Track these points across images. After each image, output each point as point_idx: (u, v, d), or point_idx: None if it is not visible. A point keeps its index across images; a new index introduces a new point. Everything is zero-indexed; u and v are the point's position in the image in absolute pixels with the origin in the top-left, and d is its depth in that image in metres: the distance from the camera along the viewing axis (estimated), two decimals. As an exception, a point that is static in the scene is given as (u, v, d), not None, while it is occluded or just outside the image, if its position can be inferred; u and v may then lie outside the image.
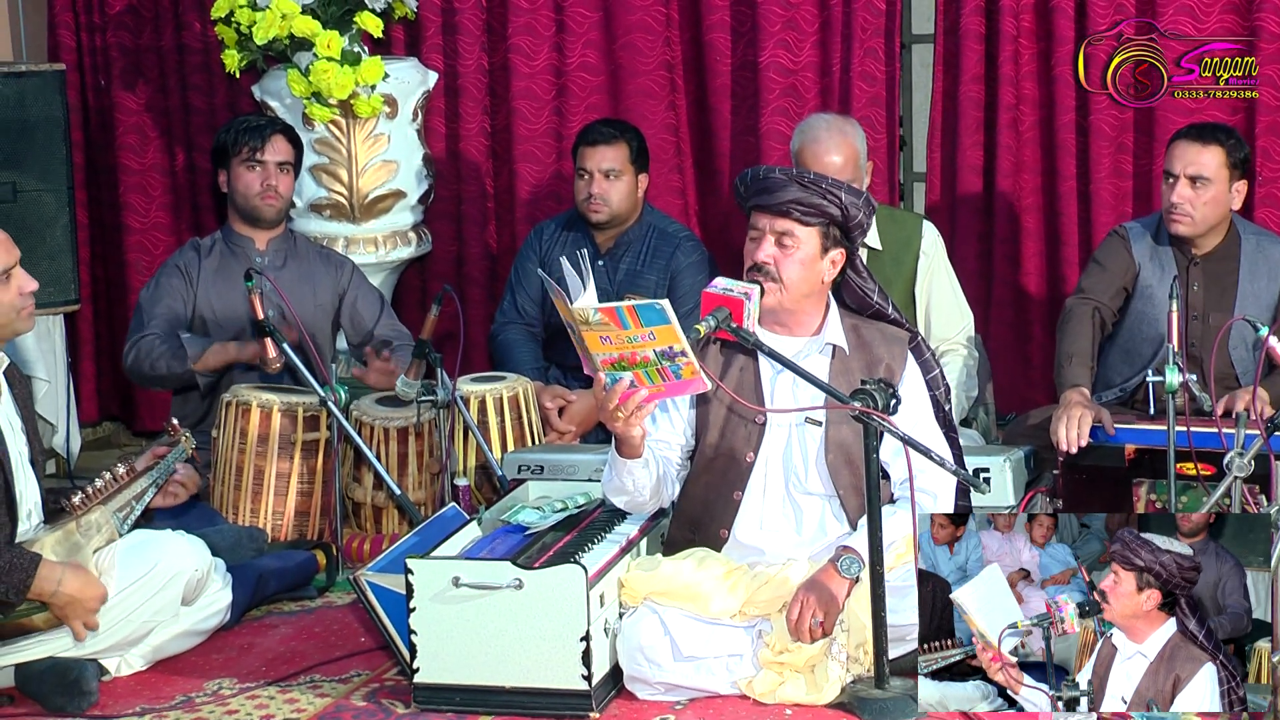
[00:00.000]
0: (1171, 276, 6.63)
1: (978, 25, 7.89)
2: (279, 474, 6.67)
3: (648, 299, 5.06)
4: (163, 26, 8.75)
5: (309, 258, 7.45)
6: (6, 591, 5.16)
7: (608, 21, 8.30)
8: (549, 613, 5.07)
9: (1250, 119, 7.64)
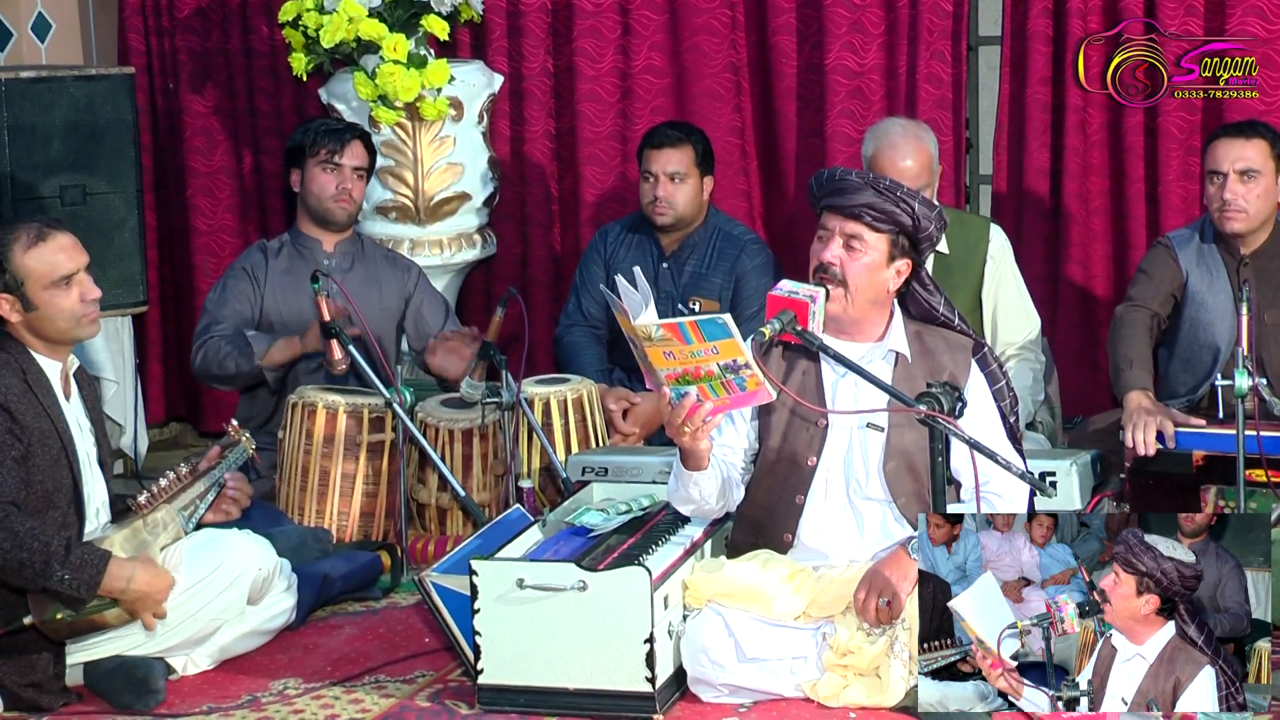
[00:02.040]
0: (1222, 279, 6.68)
1: (1045, 27, 7.88)
2: (344, 475, 6.70)
3: (710, 309, 5.09)
4: (230, 30, 8.80)
5: (376, 261, 7.49)
6: (78, 588, 5.15)
7: (673, 24, 8.32)
8: (613, 615, 5.08)
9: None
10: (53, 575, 5.12)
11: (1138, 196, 7.86)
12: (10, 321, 5.41)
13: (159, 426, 8.94)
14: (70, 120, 7.85)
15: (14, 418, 5.27)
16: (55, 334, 5.45)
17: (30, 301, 5.37)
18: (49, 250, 5.40)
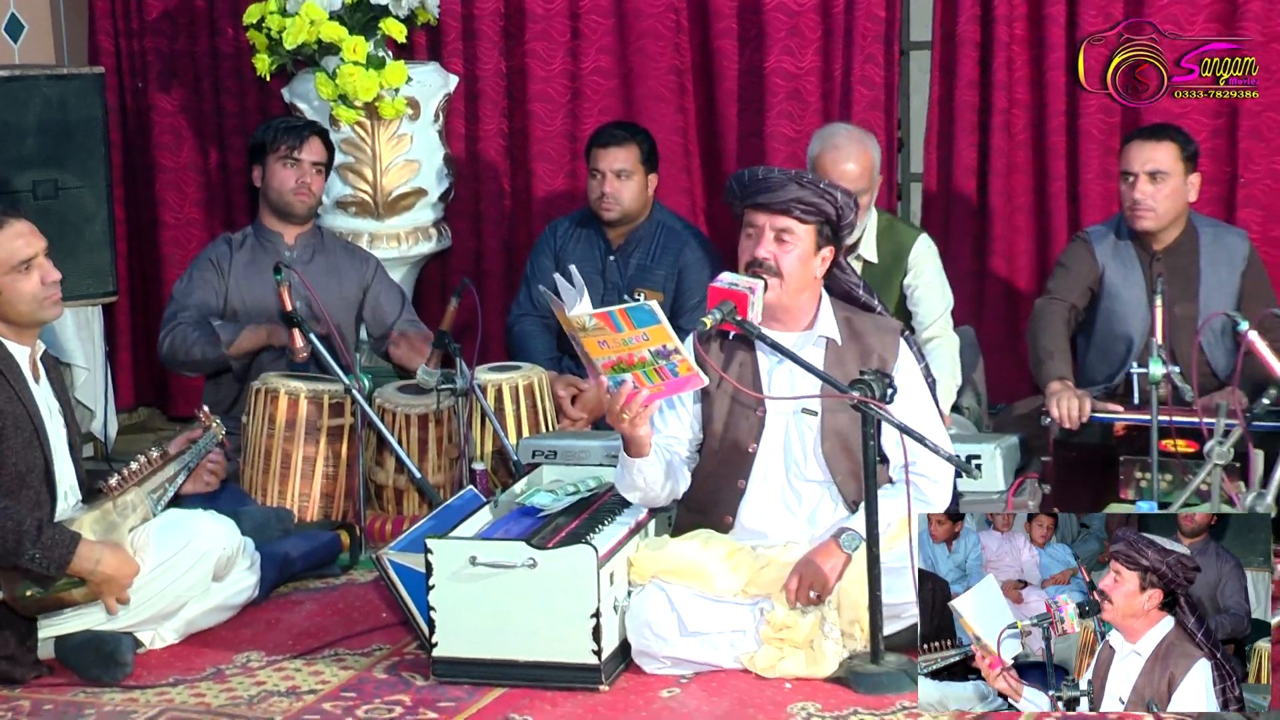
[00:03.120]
0: (1137, 273, 6.81)
1: (973, 33, 7.90)
2: (305, 458, 6.70)
3: (652, 298, 5.10)
4: (197, 32, 8.78)
5: (335, 253, 7.49)
6: (48, 566, 5.16)
7: (620, 28, 8.32)
8: (561, 591, 5.11)
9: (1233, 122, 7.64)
10: (24, 554, 5.13)
11: (1059, 194, 7.89)
12: None
13: (128, 411, 8.92)
14: (42, 118, 7.80)
15: None
16: (19, 317, 5.45)
17: (13, 298, 5.38)
18: (7, 237, 5.40)
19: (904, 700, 5.00)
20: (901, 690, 5.04)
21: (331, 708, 5.09)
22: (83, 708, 5.13)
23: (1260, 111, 7.66)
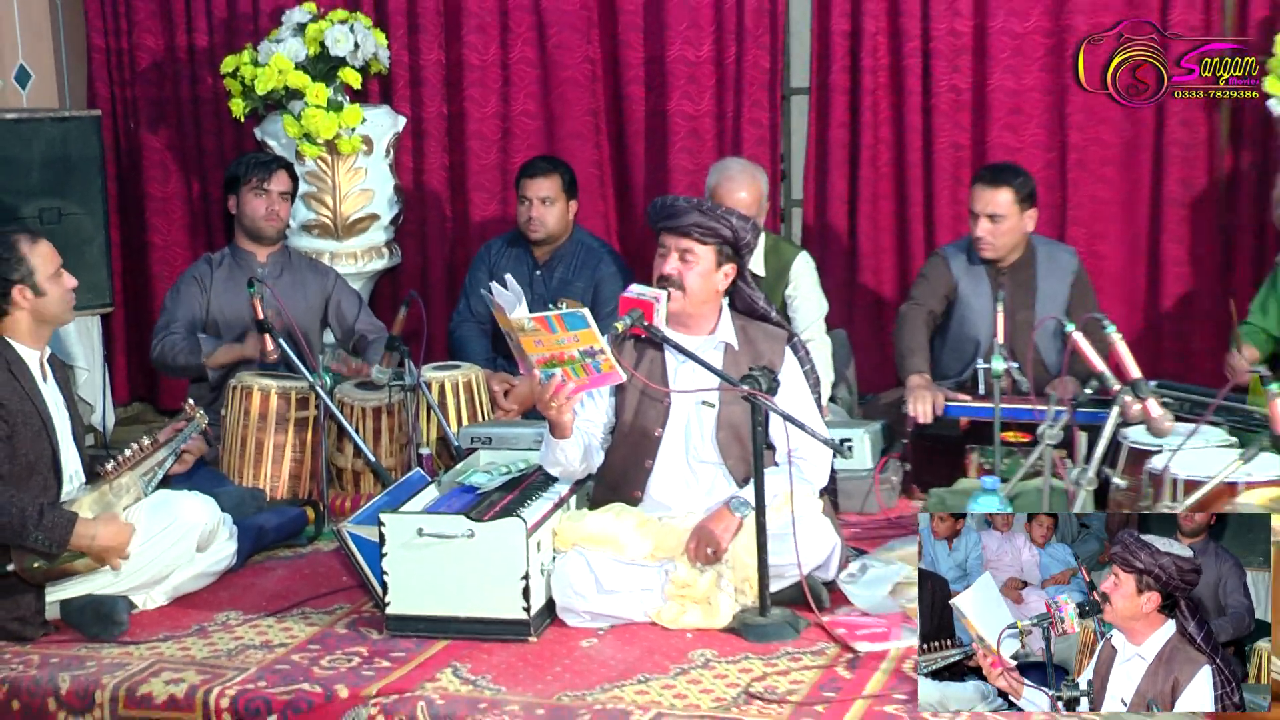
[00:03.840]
0: (985, 285, 6.90)
1: (844, 81, 7.94)
2: (276, 445, 6.67)
3: (574, 307, 5.13)
4: (181, 81, 8.73)
5: (301, 269, 7.44)
6: (49, 545, 5.20)
7: (544, 77, 8.32)
8: (495, 557, 5.12)
9: (1063, 155, 7.69)
10: (28, 536, 5.18)
11: (917, 218, 7.94)
12: (12, 315, 5.45)
13: (123, 406, 8.85)
14: (47, 154, 7.78)
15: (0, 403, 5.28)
16: (53, 318, 5.58)
17: (39, 288, 5.45)
18: (45, 248, 5.53)
19: (787, 647, 5.03)
20: (785, 638, 5.09)
21: (299, 658, 5.06)
22: (84, 660, 5.09)
23: (1085, 146, 7.71)
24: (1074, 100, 7.69)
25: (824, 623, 5.20)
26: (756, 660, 4.95)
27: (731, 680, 4.80)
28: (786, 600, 5.26)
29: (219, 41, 8.55)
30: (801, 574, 5.25)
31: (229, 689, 4.83)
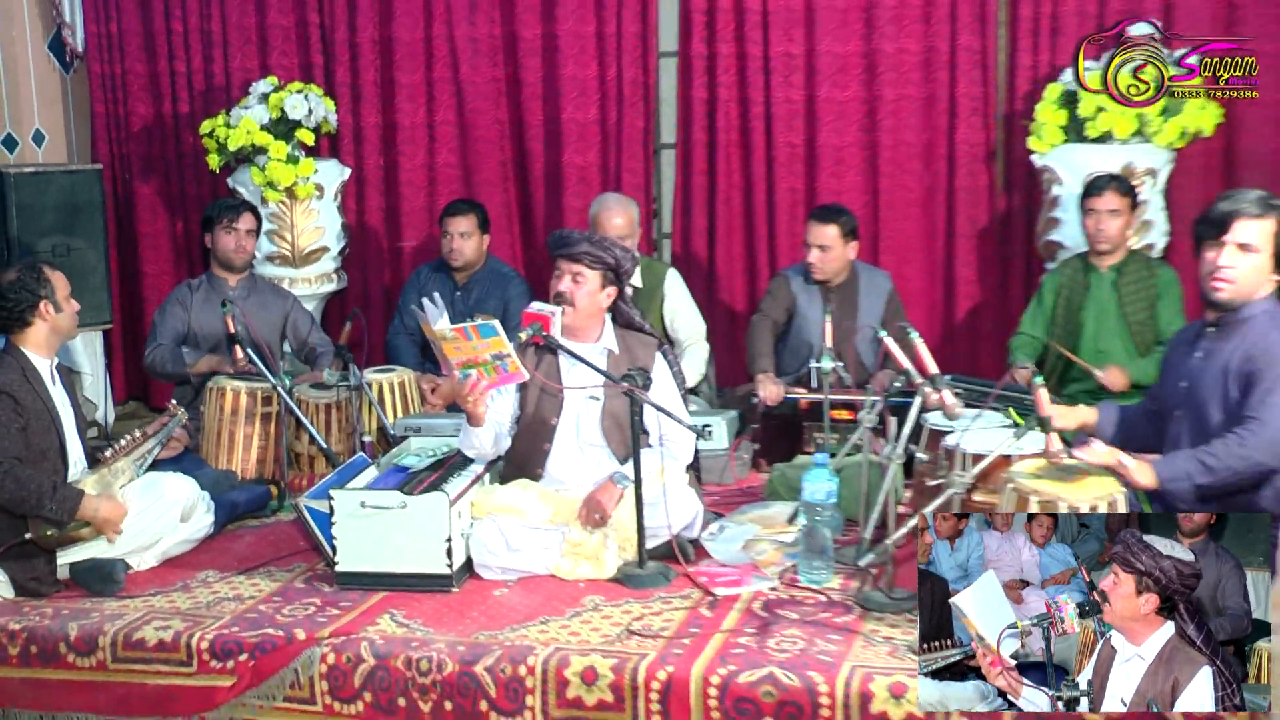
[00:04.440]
0: (817, 300, 6.91)
1: (703, 138, 7.98)
2: (245, 435, 6.59)
3: (487, 320, 5.17)
4: (167, 140, 8.65)
5: (265, 292, 7.36)
6: (61, 515, 5.19)
7: (462, 135, 8.30)
8: (424, 523, 5.12)
9: (875, 198, 7.73)
10: (44, 507, 5.16)
11: (762, 248, 8.01)
12: (34, 328, 5.46)
13: (121, 404, 8.74)
14: (58, 201, 7.77)
15: (16, 401, 5.26)
16: (63, 331, 5.59)
17: (58, 306, 5.48)
18: (59, 276, 5.58)
19: (660, 593, 5.05)
20: (658, 586, 5.11)
21: (265, 608, 5.02)
22: (89, 612, 5.05)
23: (893, 191, 7.80)
24: (884, 155, 7.78)
25: (689, 573, 5.21)
26: (636, 604, 4.96)
27: (615, 620, 4.81)
28: (660, 555, 5.28)
29: (198, 108, 8.47)
30: (671, 534, 5.28)
31: (208, 634, 4.80)
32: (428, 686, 4.55)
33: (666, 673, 4.37)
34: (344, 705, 4.64)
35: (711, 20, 7.88)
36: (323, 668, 4.65)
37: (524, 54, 8.17)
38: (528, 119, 8.22)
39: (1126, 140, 6.95)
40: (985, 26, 7.56)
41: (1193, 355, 4.85)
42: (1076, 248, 6.93)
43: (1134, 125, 6.90)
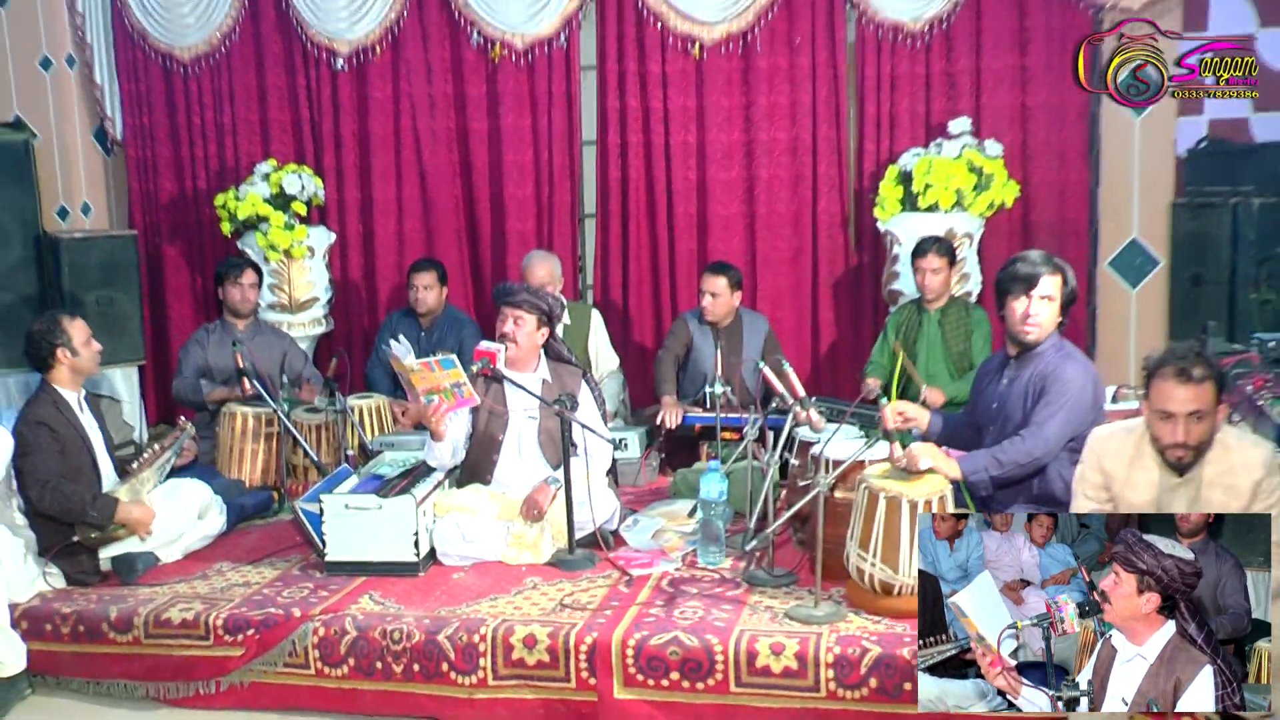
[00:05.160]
0: (710, 337, 6.88)
1: (618, 210, 7.98)
2: (251, 451, 6.48)
3: (446, 355, 5.16)
4: (188, 211, 8.51)
5: (267, 334, 7.26)
6: (100, 520, 5.12)
7: (426, 208, 8.23)
8: (396, 521, 5.07)
9: (753, 259, 7.74)
10: (86, 514, 5.10)
11: (665, 296, 7.96)
12: (57, 368, 5.36)
13: (153, 425, 8.55)
14: (101, 260, 7.64)
15: (51, 428, 5.20)
16: (86, 369, 5.45)
17: (75, 351, 5.35)
18: (79, 324, 5.45)
19: (587, 574, 5.03)
20: (585, 568, 5.10)
21: (268, 591, 4.96)
22: (126, 597, 4.97)
23: (768, 251, 7.80)
24: (760, 222, 7.76)
25: (610, 558, 5.19)
26: (567, 583, 4.93)
27: (551, 596, 4.78)
28: (586, 543, 5.26)
29: (213, 185, 8.34)
30: (595, 526, 5.25)
31: (222, 613, 4.74)
32: (400, 653, 4.51)
33: (592, 637, 4.35)
34: (332, 669, 4.59)
35: (623, 116, 7.85)
36: (315, 639, 4.60)
37: (474, 143, 8.09)
38: (477, 195, 8.15)
39: (949, 210, 7.00)
40: (839, 121, 7.59)
41: (1000, 381, 4.96)
42: (912, 294, 6.97)
43: (954, 198, 6.96)
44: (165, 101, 8.44)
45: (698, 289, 7.01)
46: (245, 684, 4.66)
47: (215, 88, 8.33)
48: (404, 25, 8.01)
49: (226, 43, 8.23)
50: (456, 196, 8.20)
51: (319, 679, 4.60)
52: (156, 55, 8.33)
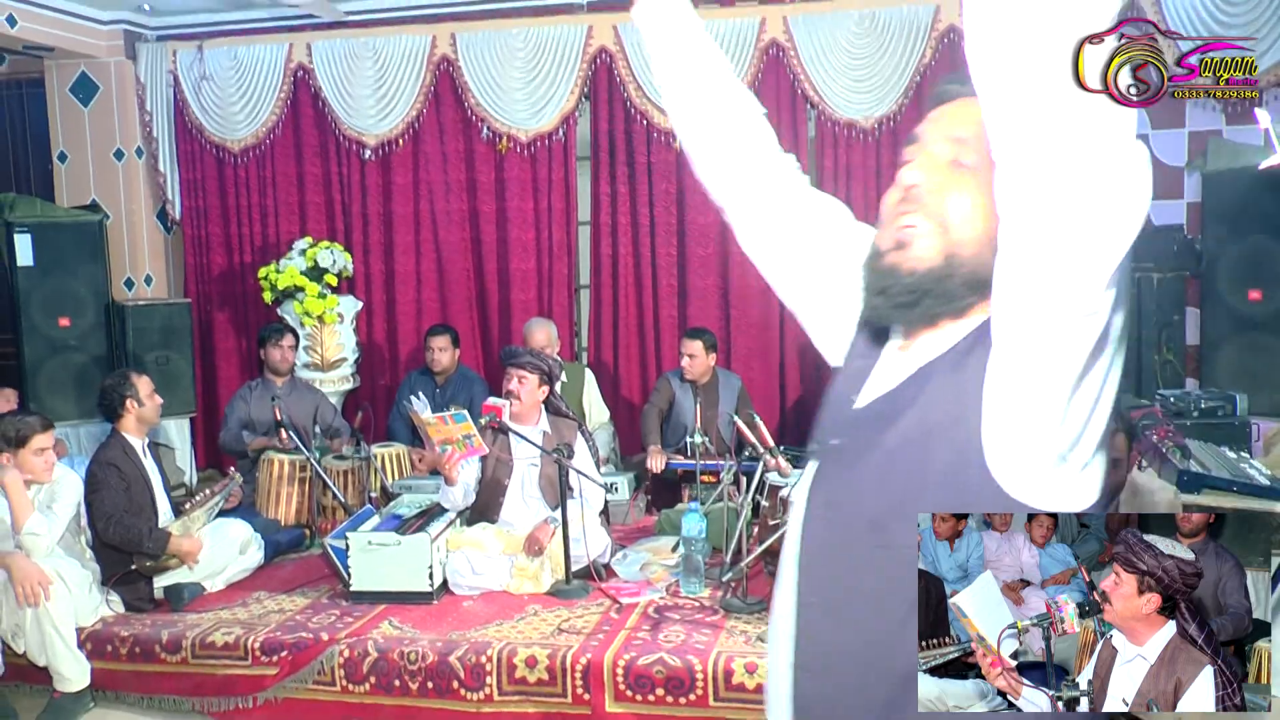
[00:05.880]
0: (690, 394, 6.82)
1: (609, 281, 7.96)
2: (286, 493, 6.43)
3: (459, 410, 5.14)
4: (235, 282, 8.51)
5: (302, 389, 7.24)
6: (155, 551, 5.09)
7: (441, 279, 8.23)
8: (412, 556, 5.02)
9: (727, 327, 7.74)
10: (144, 545, 5.07)
11: (650, 358, 7.94)
12: (125, 417, 5.36)
13: (202, 470, 8.52)
14: (160, 325, 7.68)
15: (119, 469, 5.18)
16: (150, 419, 5.45)
17: (141, 403, 5.37)
18: (145, 379, 5.46)
19: (582, 602, 4.98)
20: (580, 597, 5.05)
21: (300, 618, 4.90)
22: (175, 622, 4.91)
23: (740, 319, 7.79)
24: (734, 292, 7.78)
25: (602, 587, 5.14)
26: (565, 610, 4.89)
27: (550, 622, 4.73)
28: (581, 575, 5.21)
29: (257, 259, 8.35)
30: (589, 559, 5.23)
31: (259, 636, 4.69)
32: (415, 672, 4.47)
33: (586, 658, 4.32)
34: (356, 686, 4.55)
35: (614, 200, 7.89)
36: (341, 660, 4.56)
37: (484, 223, 8.11)
38: (486, 268, 8.16)
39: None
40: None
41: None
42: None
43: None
44: (217, 186, 8.47)
45: (678, 351, 7.02)
46: (279, 699, 4.61)
47: (260, 174, 8.36)
48: (423, 121, 8.07)
49: (271, 136, 8.28)
50: (468, 269, 8.21)
51: (344, 695, 4.55)
52: (211, 147, 8.38)
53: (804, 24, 7.41)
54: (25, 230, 7.46)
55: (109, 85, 8.31)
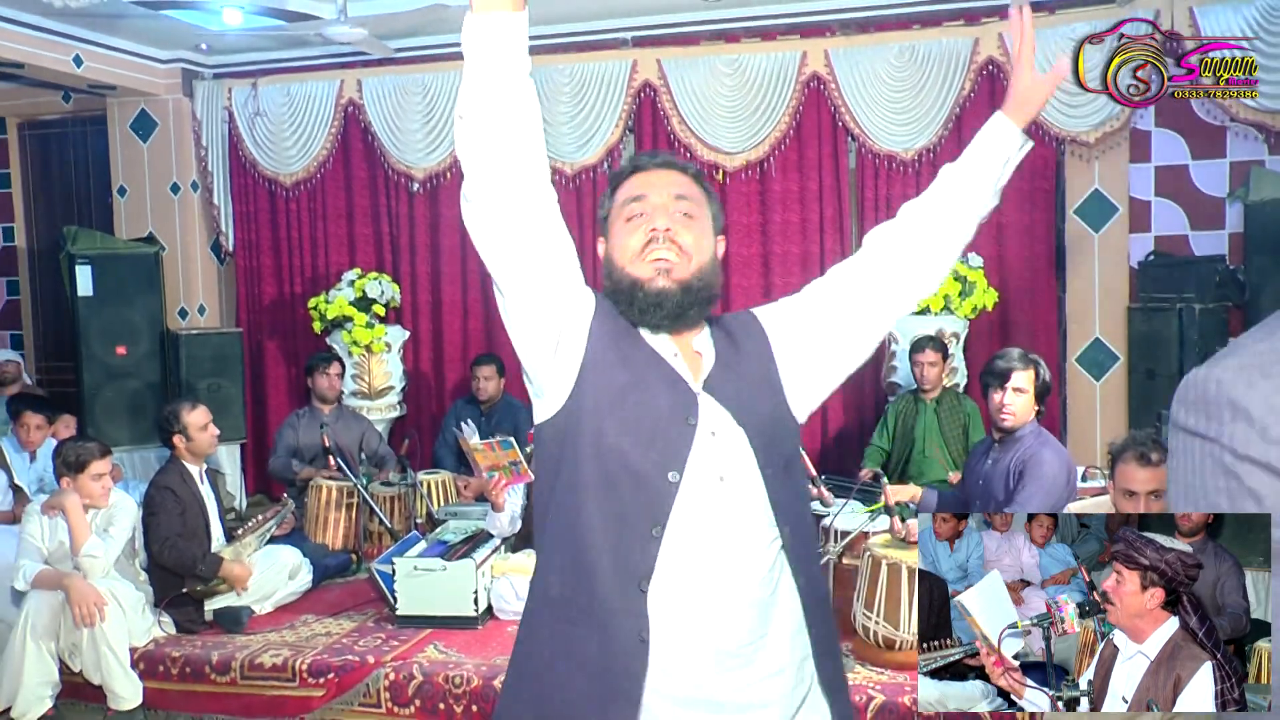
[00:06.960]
0: None
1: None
2: (334, 519, 6.53)
3: (505, 437, 5.22)
4: (285, 311, 8.68)
5: (349, 418, 7.37)
6: (207, 575, 5.21)
7: (486, 308, 8.34)
8: (458, 581, 5.10)
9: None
10: (196, 568, 5.20)
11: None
12: (180, 449, 5.45)
13: (252, 496, 8.68)
14: (213, 353, 7.89)
15: (175, 494, 5.31)
16: (202, 451, 5.52)
17: (190, 437, 5.44)
18: (199, 410, 5.53)
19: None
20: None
21: (347, 640, 5.01)
22: (225, 644, 5.03)
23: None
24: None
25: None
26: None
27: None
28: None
29: (307, 290, 8.51)
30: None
31: (307, 659, 4.78)
32: (460, 695, 4.54)
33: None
34: (401, 709, 4.62)
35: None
36: (386, 682, 4.64)
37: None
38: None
39: (939, 312, 7.06)
40: (843, 236, 7.67)
41: (985, 462, 4.94)
42: (909, 386, 7.00)
43: (943, 302, 7.02)
44: (269, 219, 8.67)
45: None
46: (326, 721, 4.72)
47: (311, 207, 8.55)
48: (471, 155, 8.21)
49: (321, 170, 8.46)
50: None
51: (389, 717, 4.64)
52: (264, 180, 8.58)
53: (845, 57, 7.49)
54: (86, 262, 7.69)
55: (166, 122, 8.54)
